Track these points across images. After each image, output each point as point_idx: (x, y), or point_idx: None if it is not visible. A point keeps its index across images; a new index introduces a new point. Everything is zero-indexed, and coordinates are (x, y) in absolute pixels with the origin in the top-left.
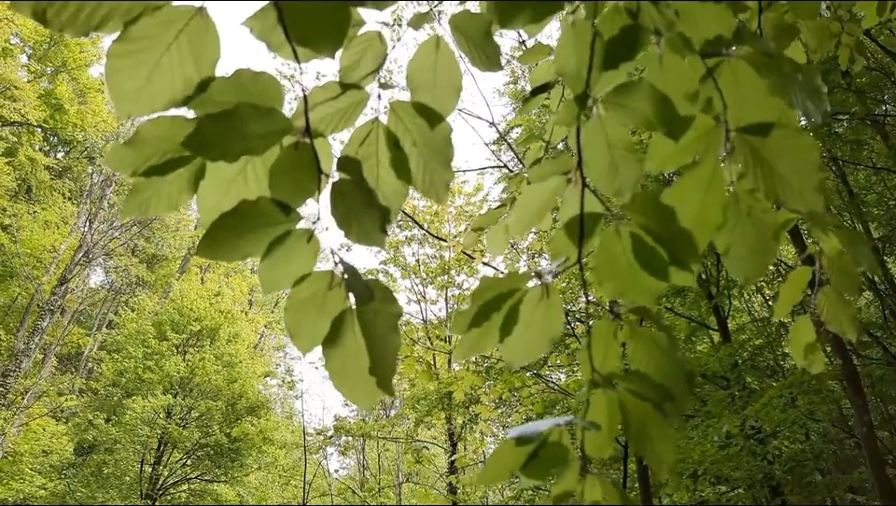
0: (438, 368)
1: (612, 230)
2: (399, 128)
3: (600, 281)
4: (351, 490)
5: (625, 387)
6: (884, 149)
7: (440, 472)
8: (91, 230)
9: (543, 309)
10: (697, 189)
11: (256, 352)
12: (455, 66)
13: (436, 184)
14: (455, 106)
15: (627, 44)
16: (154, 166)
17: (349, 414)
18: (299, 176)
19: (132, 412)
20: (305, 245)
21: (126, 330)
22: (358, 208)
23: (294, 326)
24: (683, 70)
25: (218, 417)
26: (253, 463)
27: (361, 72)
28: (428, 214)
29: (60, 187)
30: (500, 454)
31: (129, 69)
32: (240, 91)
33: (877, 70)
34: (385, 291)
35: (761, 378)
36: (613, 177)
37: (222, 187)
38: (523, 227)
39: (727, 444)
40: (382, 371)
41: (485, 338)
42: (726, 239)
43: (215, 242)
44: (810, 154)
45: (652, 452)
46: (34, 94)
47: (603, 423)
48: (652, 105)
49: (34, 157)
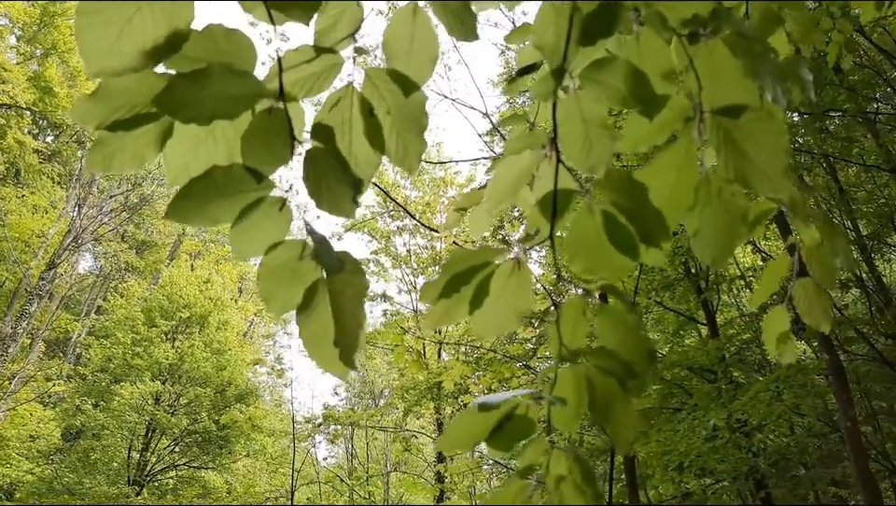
0: (427, 358)
1: (585, 207)
2: (373, 95)
3: (572, 257)
4: (339, 478)
5: (592, 363)
6: (874, 147)
7: (428, 462)
8: (80, 214)
9: (514, 283)
10: (671, 169)
11: (245, 340)
12: (432, 35)
13: (409, 154)
14: (431, 75)
15: (606, 19)
16: (120, 120)
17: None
18: (271, 143)
19: (120, 398)
20: (277, 214)
21: (115, 316)
22: (330, 177)
23: (267, 291)
24: (660, 48)
25: (207, 404)
26: (241, 451)
27: (336, 36)
28: (420, 204)
29: (49, 171)
30: (463, 422)
31: (99, 26)
32: (212, 49)
33: (869, 68)
34: (355, 264)
35: (748, 372)
36: (587, 154)
37: (190, 146)
38: (497, 200)
39: (713, 437)
40: (345, 343)
41: (455, 309)
42: (696, 220)
43: (185, 206)
44: (779, 138)
45: (614, 428)
46: (23, 77)
47: (569, 398)
48: (628, 83)
49: (22, 140)
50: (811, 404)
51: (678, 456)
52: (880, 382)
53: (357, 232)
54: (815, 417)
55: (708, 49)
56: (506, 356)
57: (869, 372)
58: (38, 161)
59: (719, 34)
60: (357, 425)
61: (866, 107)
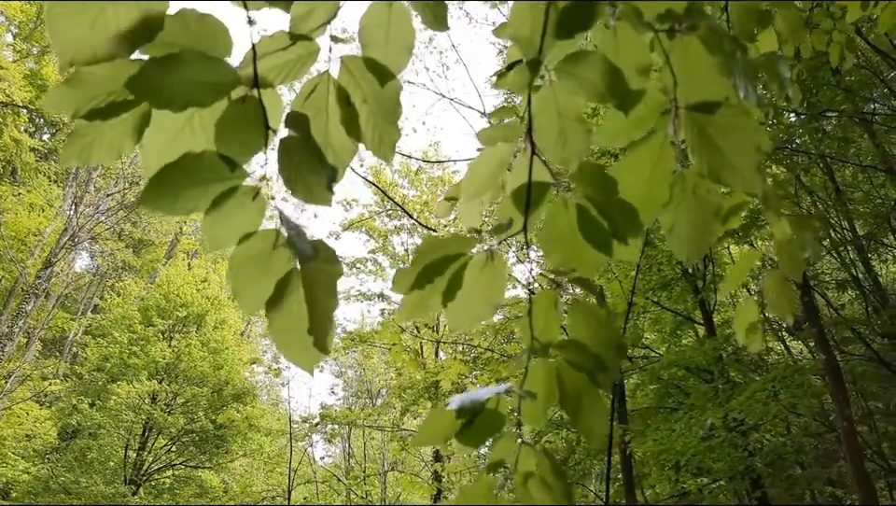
0: (425, 357)
1: (560, 200)
2: (350, 83)
3: (546, 251)
4: (336, 478)
5: (563, 357)
6: (871, 147)
7: (425, 461)
8: (76, 213)
9: (488, 275)
10: (645, 164)
11: (242, 339)
12: (408, 24)
13: (384, 142)
14: (407, 64)
15: (582, 13)
16: (96, 109)
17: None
18: (245, 131)
19: (116, 397)
20: (251, 203)
21: (111, 315)
22: (305, 166)
23: (238, 285)
24: (637, 44)
25: (204, 404)
26: (238, 450)
27: (312, 23)
28: (418, 203)
29: (45, 169)
30: (436, 419)
31: (72, 14)
32: (185, 34)
33: (866, 68)
34: (329, 251)
35: (744, 372)
36: (562, 147)
37: (168, 136)
38: (474, 191)
39: (709, 436)
40: (319, 329)
41: (428, 300)
42: (671, 217)
43: (158, 194)
44: (752, 135)
45: (584, 422)
46: (19, 75)
47: (540, 392)
48: (604, 77)
49: (19, 138)
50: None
51: (674, 455)
52: (876, 382)
53: (355, 232)
54: (811, 417)
55: (684, 45)
56: (503, 355)
57: (865, 372)
58: (35, 159)
59: (695, 31)
60: (355, 424)
61: (863, 108)
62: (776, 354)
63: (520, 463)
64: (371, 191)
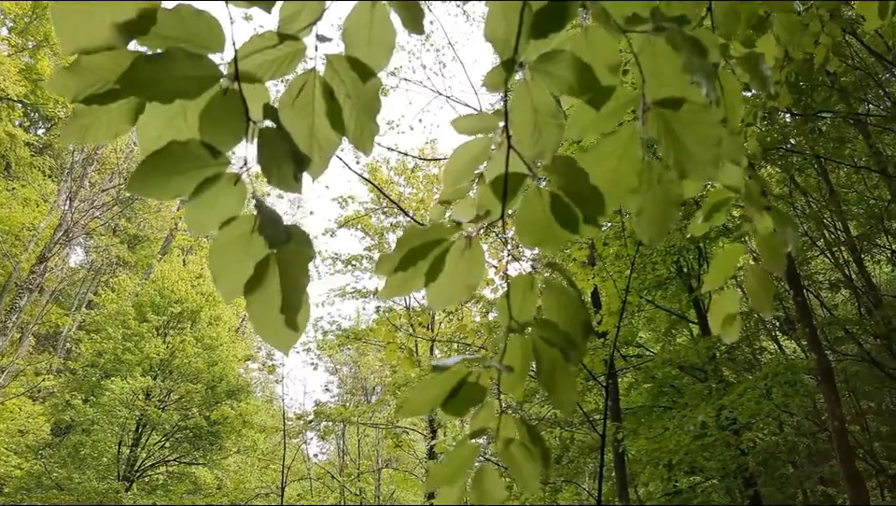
0: (419, 355)
1: (534, 189)
2: (334, 80)
3: (520, 233)
4: (330, 475)
5: (537, 334)
6: (865, 148)
7: (419, 458)
8: (71, 208)
9: (467, 259)
10: (614, 154)
11: (237, 335)
12: (389, 25)
13: (365, 135)
14: (387, 63)
15: (556, 14)
16: (95, 95)
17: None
18: (227, 121)
19: (110, 393)
20: (233, 189)
21: (106, 311)
22: (279, 155)
23: (218, 268)
24: (608, 42)
25: (198, 400)
26: (232, 446)
27: (300, 24)
28: (414, 201)
29: (40, 164)
30: (424, 388)
31: (73, 5)
32: (181, 29)
33: (861, 70)
34: (303, 235)
35: (738, 371)
36: (536, 140)
37: (162, 121)
38: (452, 180)
39: (702, 435)
40: (290, 307)
41: (410, 282)
42: (639, 202)
43: (145, 179)
44: (711, 130)
45: (557, 394)
46: (14, 69)
47: (516, 365)
48: (576, 74)
49: (13, 133)
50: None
51: (667, 453)
52: (869, 382)
53: (351, 229)
54: (804, 416)
55: (651, 43)
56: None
57: (858, 372)
58: (29, 153)
59: (662, 31)
60: (349, 421)
61: (857, 109)
62: (769, 353)
63: (501, 430)
64: (367, 189)
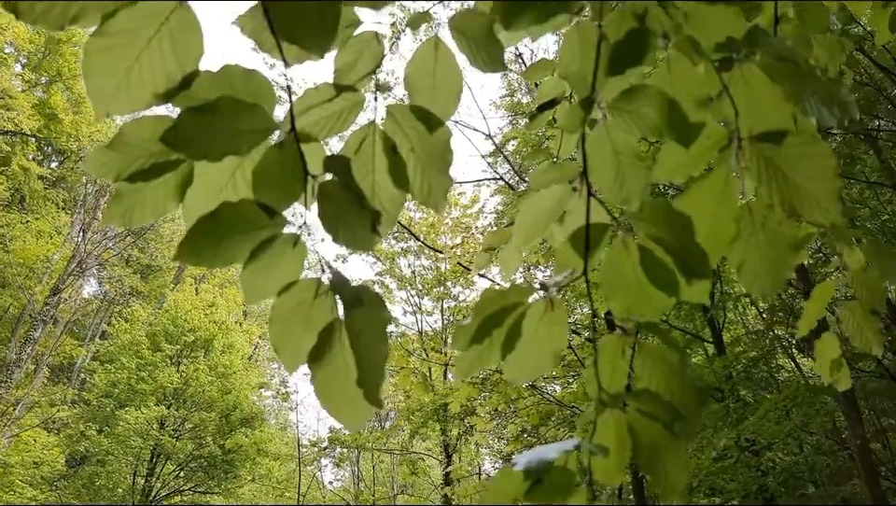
0: (433, 379)
1: (620, 242)
2: (396, 133)
3: (607, 296)
4: (345, 502)
5: (634, 407)
6: (877, 164)
7: (435, 484)
8: (84, 240)
9: (547, 324)
10: (709, 200)
11: (250, 363)
12: (454, 68)
13: (434, 191)
14: (456, 110)
15: (634, 48)
16: (139, 171)
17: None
18: (284, 178)
19: (124, 423)
20: (291, 251)
21: (119, 341)
22: (346, 210)
23: (279, 339)
24: (693, 75)
25: (212, 429)
26: (247, 475)
27: (357, 73)
28: (424, 225)
29: (53, 196)
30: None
31: (106, 65)
32: (228, 90)
33: (870, 86)
34: (375, 297)
35: (755, 390)
36: (620, 186)
37: (211, 194)
38: (525, 237)
39: (722, 456)
40: (370, 381)
41: (487, 354)
42: (740, 253)
43: (195, 246)
44: (826, 161)
45: (664, 475)
46: (28, 104)
47: (612, 446)
48: (661, 111)
49: (27, 166)
50: (820, 422)
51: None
52: (889, 398)
53: (362, 254)
54: (824, 435)
55: (742, 73)
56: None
57: (877, 388)
58: (43, 186)
59: (752, 58)
60: (363, 448)
61: (868, 125)
62: (786, 371)
63: None
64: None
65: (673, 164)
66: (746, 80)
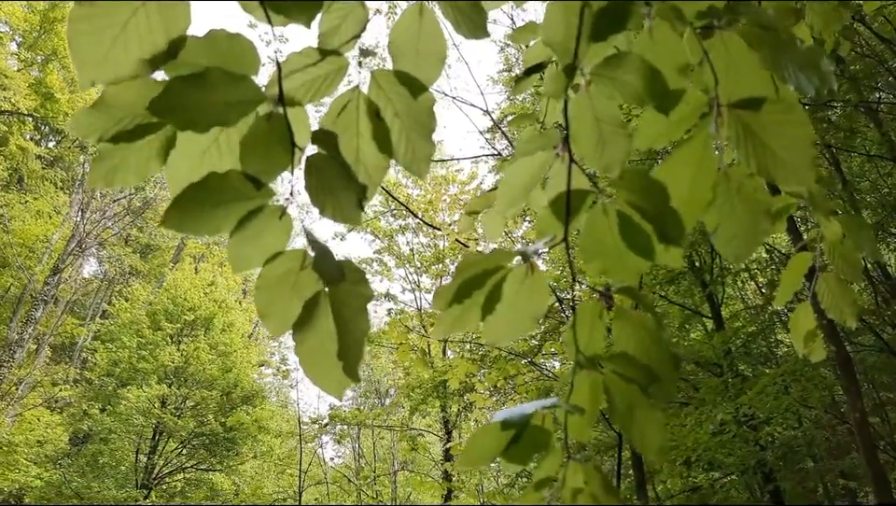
0: (432, 356)
1: (599, 207)
2: (380, 98)
3: (586, 260)
4: (346, 478)
5: (610, 369)
6: (877, 137)
7: (435, 460)
8: (83, 219)
9: (528, 287)
10: (688, 166)
11: (250, 341)
12: (439, 34)
13: (418, 157)
14: (439, 76)
15: (617, 14)
16: (122, 132)
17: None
18: (271, 149)
19: (126, 402)
20: (277, 222)
21: (120, 320)
22: (334, 184)
23: (265, 306)
24: (674, 42)
25: (213, 407)
26: (248, 452)
27: (341, 38)
28: (423, 203)
29: (51, 176)
30: (481, 437)
31: (92, 33)
32: (214, 55)
33: (871, 57)
34: (357, 273)
35: (754, 365)
36: (601, 153)
37: (194, 158)
38: (508, 203)
39: (720, 431)
40: (349, 355)
41: (467, 315)
42: (715, 217)
43: (182, 214)
44: (803, 129)
45: (639, 434)
46: (24, 83)
47: (586, 405)
48: (642, 79)
49: (25, 146)
50: (818, 396)
51: (685, 450)
52: (888, 372)
53: (360, 232)
54: (822, 409)
55: (723, 41)
56: (511, 353)
57: (876, 362)
58: (41, 166)
59: (733, 25)
60: (364, 424)
61: (868, 97)
62: (785, 346)
63: (568, 479)
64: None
65: (653, 131)
66: (727, 48)
